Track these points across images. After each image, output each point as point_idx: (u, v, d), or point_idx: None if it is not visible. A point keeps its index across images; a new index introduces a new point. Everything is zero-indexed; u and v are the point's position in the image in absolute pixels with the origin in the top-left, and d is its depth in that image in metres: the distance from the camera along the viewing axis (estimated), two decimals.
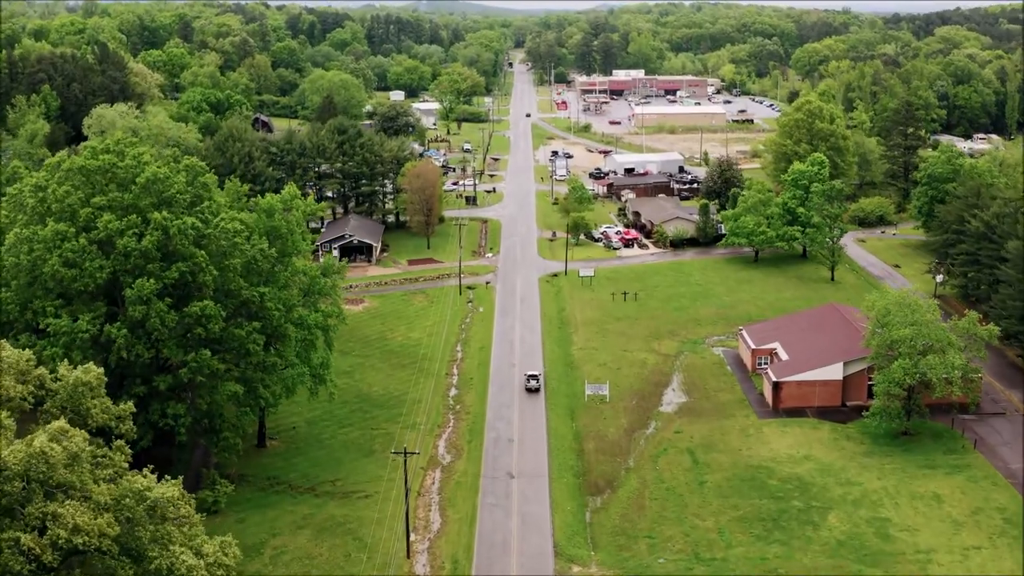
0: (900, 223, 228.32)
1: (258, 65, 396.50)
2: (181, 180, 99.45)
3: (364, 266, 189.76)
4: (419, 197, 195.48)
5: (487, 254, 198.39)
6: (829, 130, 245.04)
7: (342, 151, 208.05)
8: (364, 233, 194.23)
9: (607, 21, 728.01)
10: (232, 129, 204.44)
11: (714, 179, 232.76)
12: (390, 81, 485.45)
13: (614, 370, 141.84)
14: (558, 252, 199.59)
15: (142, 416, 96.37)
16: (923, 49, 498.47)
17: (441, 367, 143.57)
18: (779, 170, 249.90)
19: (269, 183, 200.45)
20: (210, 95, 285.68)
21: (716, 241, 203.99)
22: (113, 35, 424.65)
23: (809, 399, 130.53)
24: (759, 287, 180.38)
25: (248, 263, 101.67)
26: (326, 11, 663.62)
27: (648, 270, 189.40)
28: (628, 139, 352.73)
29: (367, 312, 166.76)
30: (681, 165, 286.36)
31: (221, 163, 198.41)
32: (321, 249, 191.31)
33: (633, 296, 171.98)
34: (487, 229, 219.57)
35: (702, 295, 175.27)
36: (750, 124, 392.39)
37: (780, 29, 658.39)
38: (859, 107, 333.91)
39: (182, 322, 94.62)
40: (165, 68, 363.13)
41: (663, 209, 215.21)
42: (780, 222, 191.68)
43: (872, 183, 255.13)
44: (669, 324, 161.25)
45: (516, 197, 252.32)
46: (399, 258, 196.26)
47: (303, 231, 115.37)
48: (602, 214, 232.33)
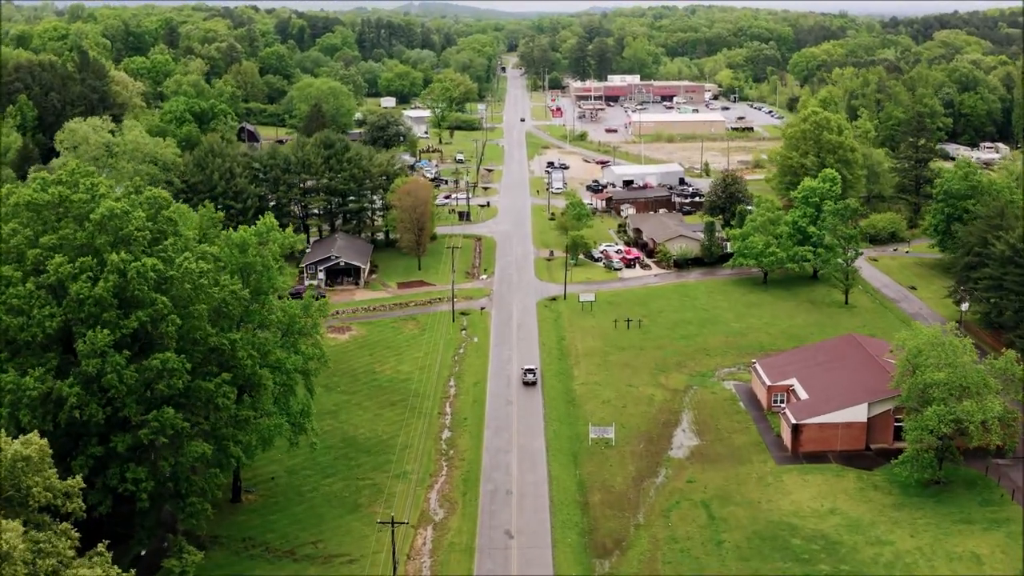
0: (912, 239, 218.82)
1: (245, 72, 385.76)
2: (141, 215, 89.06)
3: (351, 289, 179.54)
4: (410, 216, 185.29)
5: (481, 276, 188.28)
6: (837, 142, 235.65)
7: (328, 166, 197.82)
8: (352, 254, 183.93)
9: (601, 25, 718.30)
10: (213, 144, 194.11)
11: (718, 194, 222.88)
12: (381, 87, 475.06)
13: (619, 408, 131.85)
14: (556, 273, 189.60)
15: (100, 480, 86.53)
16: (924, 54, 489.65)
17: (433, 405, 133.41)
18: (785, 183, 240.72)
19: (251, 200, 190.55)
20: (194, 104, 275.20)
21: (722, 261, 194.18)
22: (97, 41, 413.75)
23: (831, 443, 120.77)
24: (769, 312, 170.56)
25: (217, 307, 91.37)
26: (316, 15, 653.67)
27: (651, 293, 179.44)
28: (625, 148, 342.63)
29: (354, 341, 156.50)
30: (681, 177, 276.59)
31: (201, 180, 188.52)
32: (306, 271, 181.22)
33: (637, 323, 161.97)
34: (481, 247, 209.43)
35: (710, 321, 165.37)
36: (750, 132, 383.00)
37: (777, 33, 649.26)
38: (863, 115, 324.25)
39: (142, 377, 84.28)
40: (149, 75, 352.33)
41: (665, 226, 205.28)
42: (790, 242, 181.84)
43: (881, 196, 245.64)
44: (676, 354, 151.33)
45: (511, 212, 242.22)
46: (389, 280, 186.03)
47: (280, 265, 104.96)
48: (601, 231, 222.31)
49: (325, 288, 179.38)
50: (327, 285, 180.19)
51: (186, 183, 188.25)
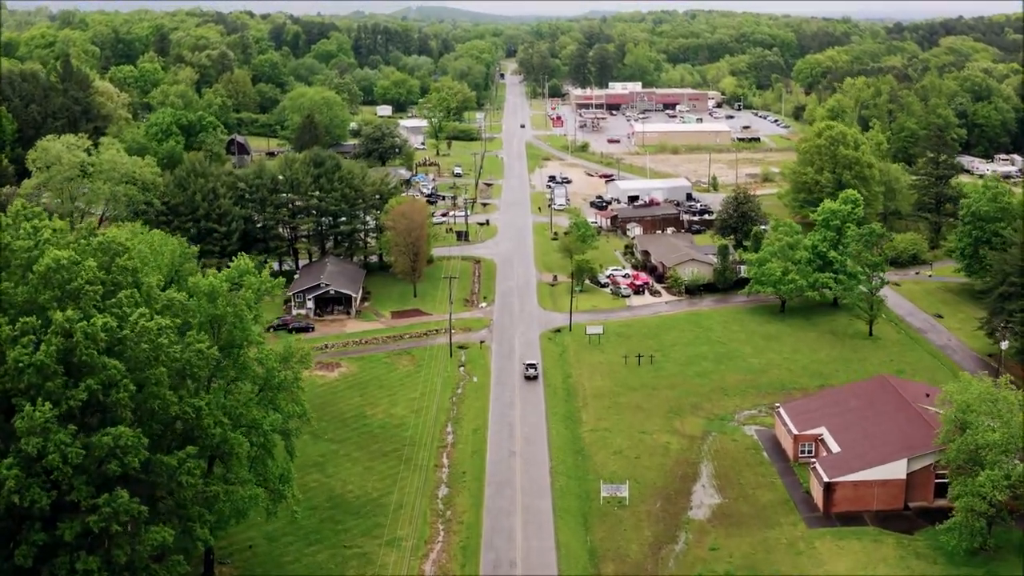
0: (935, 261, 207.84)
1: (237, 80, 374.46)
2: (92, 265, 77.67)
3: (342, 320, 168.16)
4: (404, 240, 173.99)
5: (481, 303, 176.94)
6: (853, 157, 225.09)
7: (318, 185, 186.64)
8: (343, 281, 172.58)
9: (601, 30, 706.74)
10: (195, 163, 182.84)
11: (729, 213, 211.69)
12: (377, 95, 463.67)
13: (632, 460, 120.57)
14: (560, 301, 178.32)
15: (46, 571, 75.21)
16: (932, 61, 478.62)
17: (429, 456, 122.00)
18: (799, 200, 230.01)
19: (236, 223, 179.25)
20: (181, 116, 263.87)
21: (736, 286, 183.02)
22: (85, 48, 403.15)
23: (867, 502, 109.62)
24: (789, 345, 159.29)
25: (181, 368, 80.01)
26: (312, 21, 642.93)
27: (663, 324, 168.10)
28: (629, 160, 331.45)
29: (344, 380, 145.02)
30: (689, 192, 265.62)
31: (182, 201, 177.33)
32: (294, 300, 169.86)
33: (648, 359, 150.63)
34: (480, 271, 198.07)
35: (726, 356, 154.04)
36: (756, 142, 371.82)
37: (780, 39, 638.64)
38: (875, 126, 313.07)
39: (90, 456, 72.92)
40: (137, 85, 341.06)
41: (675, 249, 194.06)
42: (810, 268, 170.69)
43: (898, 214, 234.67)
44: (691, 395, 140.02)
45: (512, 231, 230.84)
46: (382, 309, 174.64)
47: (256, 314, 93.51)
48: (607, 252, 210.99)
49: (314, 318, 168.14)
50: (316, 315, 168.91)
51: (166, 204, 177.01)
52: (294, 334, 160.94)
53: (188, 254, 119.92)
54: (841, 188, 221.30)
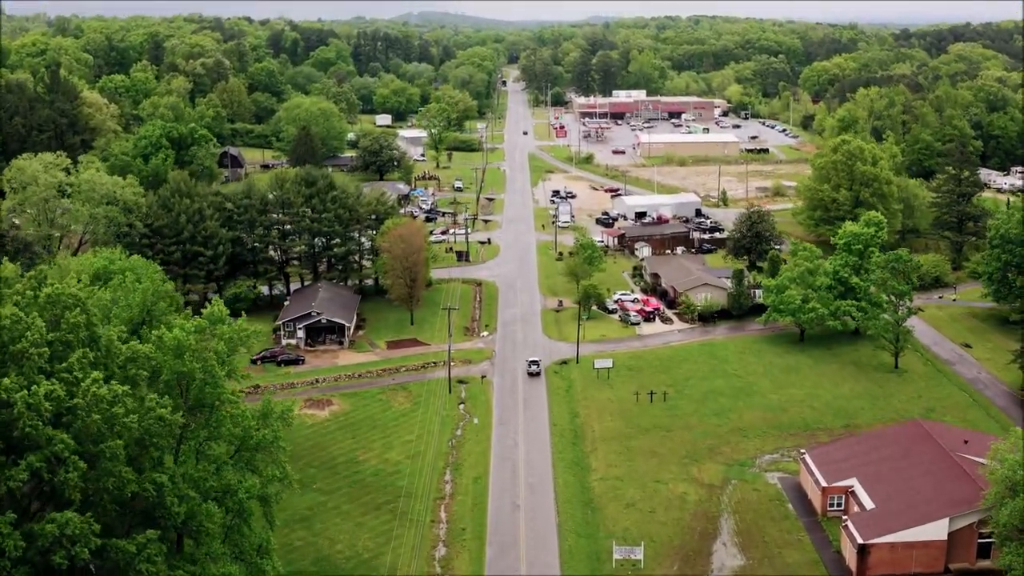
0: (958, 283, 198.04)
1: (231, 90, 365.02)
2: (39, 323, 67.99)
3: (335, 351, 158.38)
4: (401, 265, 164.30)
5: (482, 332, 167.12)
6: (872, 174, 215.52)
7: (310, 206, 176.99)
8: (335, 308, 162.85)
9: (604, 37, 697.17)
10: (180, 182, 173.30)
11: (743, 232, 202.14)
12: (376, 104, 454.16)
13: (646, 514, 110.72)
14: (566, 328, 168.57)
15: None
16: (943, 69, 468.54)
17: (425, 509, 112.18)
18: (815, 219, 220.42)
19: (223, 246, 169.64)
20: (171, 129, 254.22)
21: (752, 313, 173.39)
22: (77, 56, 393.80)
23: (904, 565, 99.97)
24: (811, 379, 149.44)
25: (140, 438, 70.34)
26: (311, 27, 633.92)
27: (675, 355, 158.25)
28: (634, 172, 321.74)
29: (335, 419, 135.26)
30: (698, 208, 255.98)
31: (166, 223, 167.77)
32: (283, 329, 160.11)
33: (661, 396, 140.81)
34: (482, 295, 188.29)
35: (744, 392, 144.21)
36: (765, 154, 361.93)
37: (786, 46, 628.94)
38: (889, 138, 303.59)
39: (33, 546, 63.23)
40: (128, 94, 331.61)
41: (687, 271, 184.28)
42: (831, 295, 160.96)
43: (916, 231, 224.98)
44: (708, 437, 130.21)
45: (514, 250, 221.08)
46: (377, 338, 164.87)
47: (230, 370, 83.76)
48: (614, 273, 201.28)
49: (305, 348, 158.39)
50: (307, 344, 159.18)
51: (149, 227, 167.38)
52: (283, 367, 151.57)
53: (161, 292, 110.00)
54: (859, 206, 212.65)
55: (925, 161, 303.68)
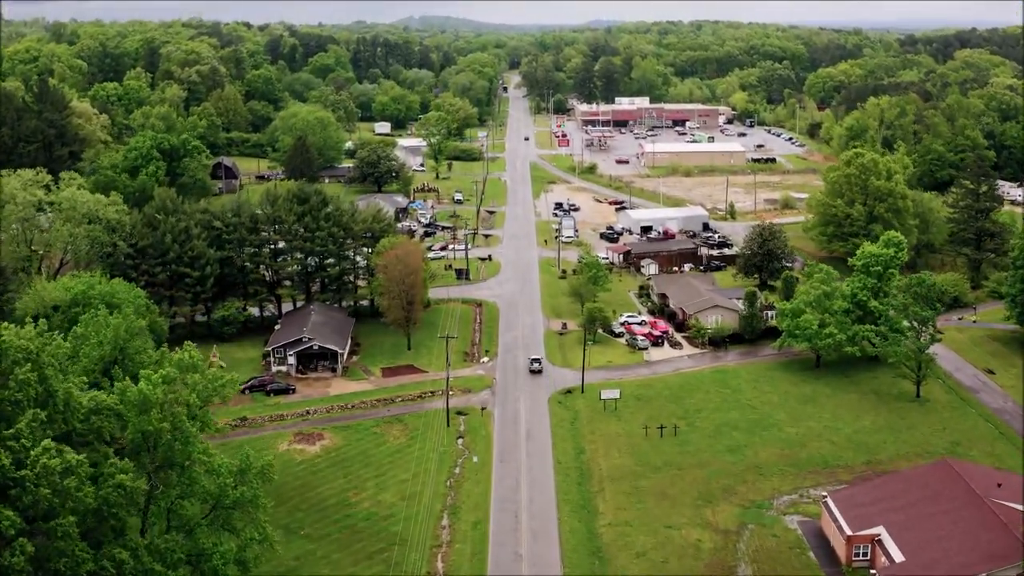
0: (977, 303, 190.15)
1: (227, 98, 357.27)
2: None
3: (327, 379, 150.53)
4: (398, 287, 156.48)
5: (482, 358, 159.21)
6: (887, 189, 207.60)
7: (303, 224, 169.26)
8: (328, 333, 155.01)
9: (606, 42, 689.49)
10: (165, 200, 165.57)
11: (753, 249, 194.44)
12: (375, 111, 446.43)
13: (658, 564, 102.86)
14: (571, 353, 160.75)
15: None
16: (951, 76, 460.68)
17: (420, 558, 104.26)
18: (827, 234, 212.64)
19: (211, 266, 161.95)
20: (163, 140, 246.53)
21: (765, 336, 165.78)
22: (70, 64, 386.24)
23: None
24: (829, 410, 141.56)
25: (98, 510, 62.54)
26: (309, 33, 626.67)
27: (686, 383, 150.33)
28: (639, 183, 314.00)
29: (326, 455, 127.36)
30: (706, 222, 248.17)
31: (151, 243, 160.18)
32: (273, 355, 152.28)
33: (672, 429, 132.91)
34: (482, 317, 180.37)
35: (759, 425, 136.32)
36: (772, 163, 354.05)
37: (790, 52, 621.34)
38: (900, 149, 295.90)
39: None
40: (121, 103, 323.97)
41: (696, 292, 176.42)
42: (849, 319, 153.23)
43: (931, 247, 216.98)
44: (723, 475, 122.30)
45: (516, 268, 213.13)
46: (372, 364, 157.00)
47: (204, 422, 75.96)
48: (620, 292, 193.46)
49: (296, 376, 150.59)
50: (299, 371, 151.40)
51: (134, 247, 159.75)
52: (272, 396, 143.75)
53: (135, 328, 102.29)
54: (873, 221, 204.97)
55: (937, 172, 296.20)
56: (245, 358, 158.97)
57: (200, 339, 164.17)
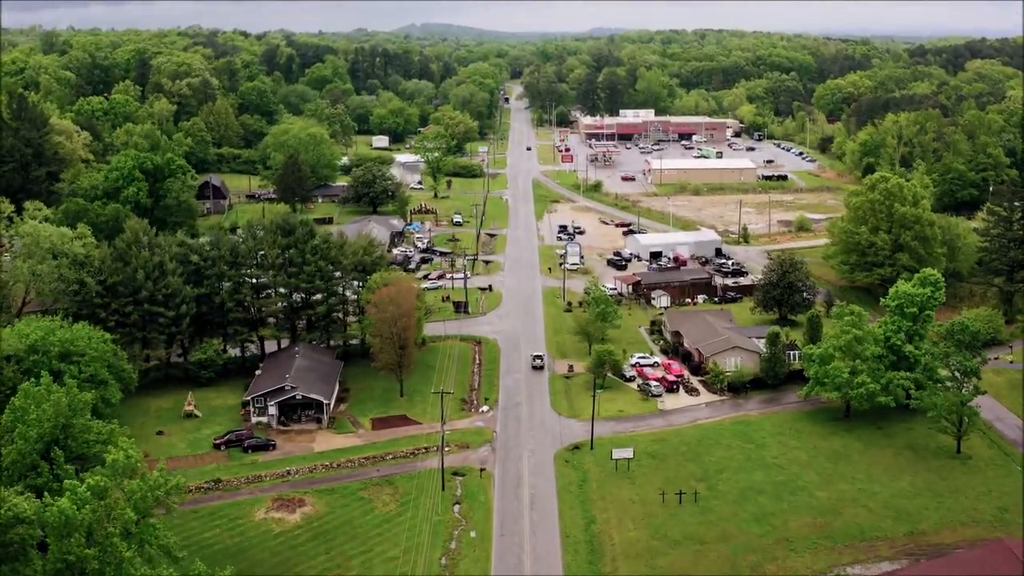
0: (1012, 340, 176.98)
1: (219, 112, 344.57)
2: None
3: (311, 431, 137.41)
4: (390, 330, 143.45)
5: (481, 407, 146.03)
6: (913, 215, 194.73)
7: (287, 258, 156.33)
8: (313, 380, 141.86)
9: (610, 52, 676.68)
10: (137, 232, 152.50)
11: (773, 282, 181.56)
12: (373, 125, 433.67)
13: None
14: (578, 401, 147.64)
15: None
16: (965, 89, 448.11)
17: None
18: (850, 264, 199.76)
19: (187, 305, 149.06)
20: (145, 160, 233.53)
21: (788, 381, 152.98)
22: (58, 76, 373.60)
23: None
24: (863, 469, 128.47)
25: None
26: (307, 43, 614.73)
27: (704, 437, 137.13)
28: (646, 202, 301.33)
29: (307, 525, 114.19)
30: (718, 247, 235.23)
31: (121, 280, 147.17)
32: (253, 405, 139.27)
33: (692, 495, 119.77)
34: (481, 357, 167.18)
35: (787, 487, 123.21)
36: (784, 181, 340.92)
37: (797, 62, 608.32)
38: (919, 167, 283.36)
39: None
40: (107, 118, 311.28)
41: (712, 331, 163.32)
42: (882, 365, 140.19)
43: (958, 275, 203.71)
44: (750, 550, 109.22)
45: (518, 299, 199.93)
46: (361, 414, 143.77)
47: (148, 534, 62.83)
48: (629, 328, 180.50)
49: (277, 428, 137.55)
50: (280, 423, 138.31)
51: (103, 284, 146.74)
52: (250, 453, 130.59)
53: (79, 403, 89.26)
54: (898, 250, 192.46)
55: (958, 192, 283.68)
56: (223, 405, 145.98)
57: (176, 383, 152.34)
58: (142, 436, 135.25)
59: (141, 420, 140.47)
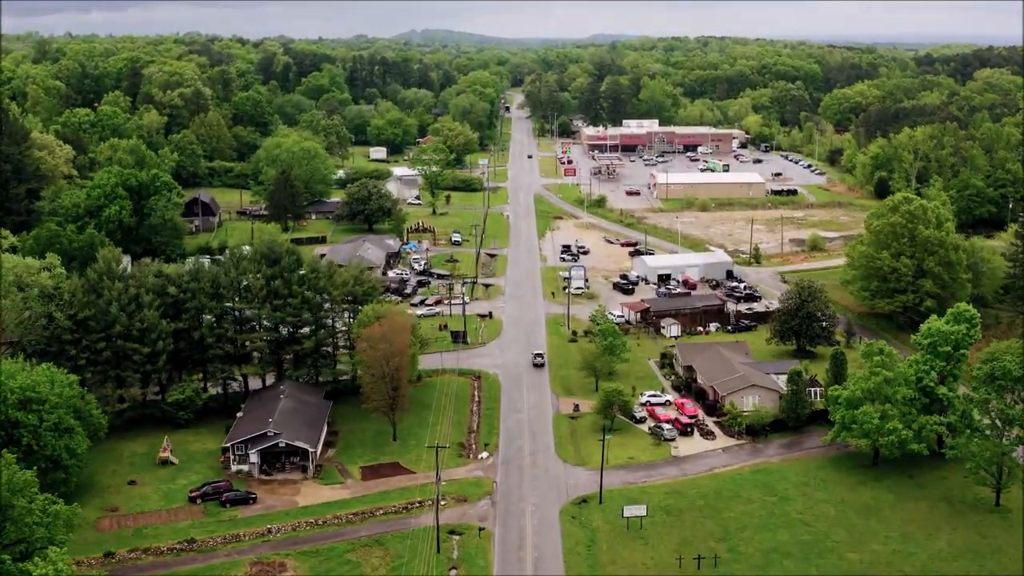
0: None
1: (210, 123, 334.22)
2: None
3: (296, 482, 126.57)
4: (382, 369, 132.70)
5: (480, 453, 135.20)
6: (938, 239, 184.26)
7: (272, 290, 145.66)
8: (298, 425, 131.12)
9: (612, 61, 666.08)
10: (110, 262, 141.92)
11: (791, 311, 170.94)
12: (370, 136, 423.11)
13: None
14: (584, 446, 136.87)
15: None
16: (976, 100, 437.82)
17: None
18: (869, 290, 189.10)
19: (163, 342, 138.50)
20: (129, 177, 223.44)
21: (810, 422, 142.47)
22: (47, 86, 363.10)
23: None
24: (896, 526, 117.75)
25: None
26: (304, 51, 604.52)
27: (723, 488, 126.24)
28: (652, 218, 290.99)
29: None
30: (730, 269, 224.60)
31: (93, 314, 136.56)
32: (233, 453, 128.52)
33: (712, 559, 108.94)
34: (481, 394, 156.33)
35: (814, 549, 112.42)
36: (793, 195, 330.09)
37: (803, 71, 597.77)
38: (936, 184, 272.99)
39: None
40: (94, 130, 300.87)
41: (728, 367, 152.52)
42: (913, 409, 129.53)
43: (981, 300, 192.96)
44: None
45: (520, 328, 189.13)
46: (350, 461, 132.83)
47: None
48: (638, 360, 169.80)
49: (259, 477, 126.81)
50: (262, 472, 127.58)
51: (73, 318, 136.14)
52: (228, 507, 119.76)
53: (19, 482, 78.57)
54: (921, 276, 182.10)
55: (976, 209, 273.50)
56: (202, 450, 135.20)
57: (152, 424, 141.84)
58: (112, 486, 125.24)
59: (112, 467, 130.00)
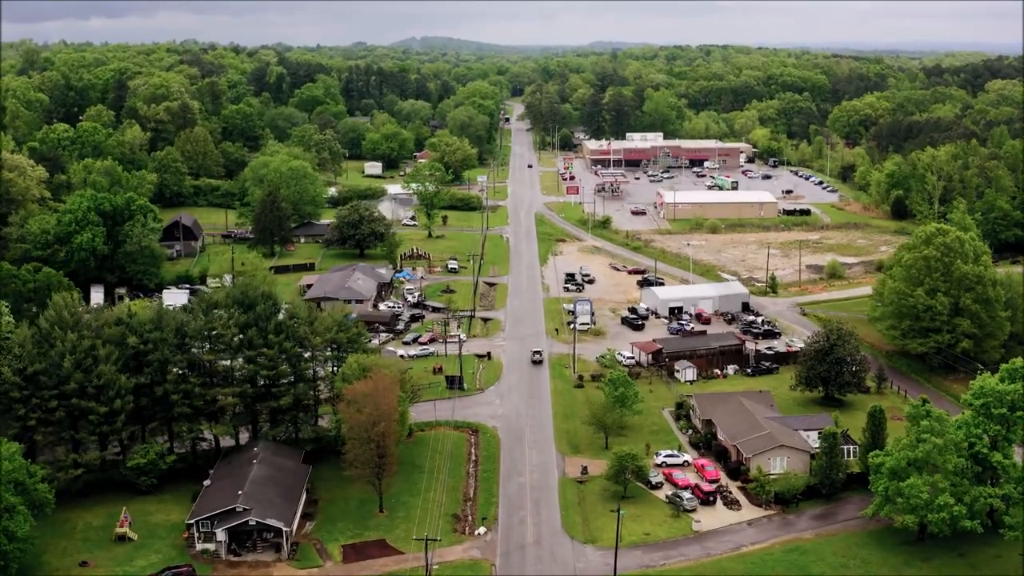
0: None
1: (197, 139, 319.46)
2: None
3: (268, 564, 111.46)
4: (367, 434, 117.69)
5: (478, 529, 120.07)
6: (975, 275, 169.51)
7: (246, 339, 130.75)
8: (272, 497, 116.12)
9: (614, 71, 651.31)
10: (63, 309, 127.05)
11: (819, 356, 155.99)
12: (365, 149, 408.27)
13: None
14: (594, 519, 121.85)
15: None
16: (991, 114, 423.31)
17: None
18: (901, 329, 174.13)
19: (123, 399, 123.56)
20: (103, 201, 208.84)
21: (845, 487, 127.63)
22: (29, 99, 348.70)
23: None
24: None
25: None
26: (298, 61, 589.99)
27: (752, 572, 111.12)
28: (660, 241, 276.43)
29: None
30: (746, 301, 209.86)
31: (44, 368, 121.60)
32: (197, 530, 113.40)
33: None
34: (478, 453, 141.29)
35: None
36: (807, 216, 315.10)
37: (810, 82, 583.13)
38: (960, 207, 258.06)
39: None
40: (73, 147, 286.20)
41: (752, 422, 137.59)
42: (965, 479, 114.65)
43: (1017, 338, 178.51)
44: None
45: (521, 371, 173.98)
46: (330, 538, 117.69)
47: None
48: (652, 409, 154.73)
49: (227, 559, 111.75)
50: (231, 552, 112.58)
51: (22, 373, 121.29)
52: None
53: None
54: (957, 314, 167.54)
55: (1002, 233, 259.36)
56: (165, 523, 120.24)
57: (111, 490, 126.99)
58: (61, 569, 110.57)
59: (63, 544, 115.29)
